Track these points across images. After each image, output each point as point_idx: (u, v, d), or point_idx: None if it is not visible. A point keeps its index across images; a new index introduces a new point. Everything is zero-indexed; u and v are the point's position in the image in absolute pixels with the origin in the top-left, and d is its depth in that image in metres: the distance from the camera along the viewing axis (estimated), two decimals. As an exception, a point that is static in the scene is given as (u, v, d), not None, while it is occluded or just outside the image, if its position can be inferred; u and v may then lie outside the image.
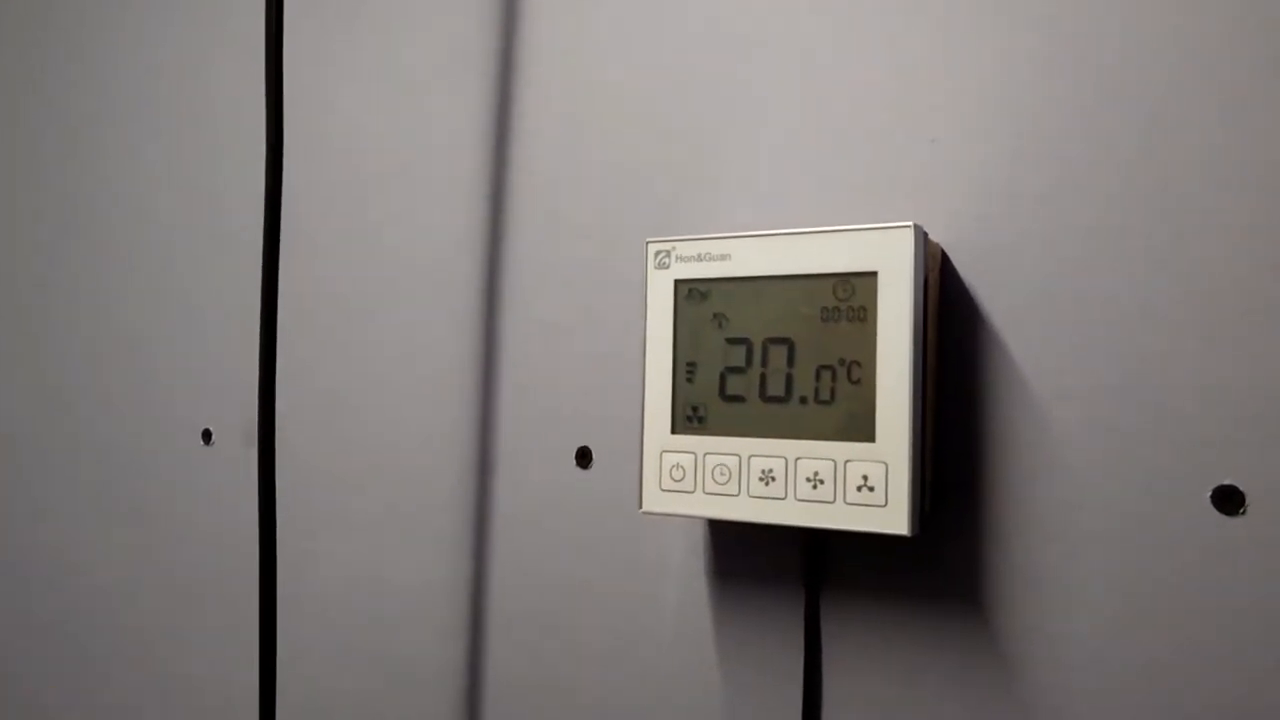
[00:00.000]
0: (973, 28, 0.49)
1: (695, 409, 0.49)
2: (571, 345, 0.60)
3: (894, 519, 0.44)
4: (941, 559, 0.48)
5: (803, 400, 0.46)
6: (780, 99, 0.54)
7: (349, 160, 0.71)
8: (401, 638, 0.67)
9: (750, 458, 0.47)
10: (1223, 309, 0.43)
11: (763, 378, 0.47)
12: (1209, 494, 0.43)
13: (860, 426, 0.45)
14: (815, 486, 0.45)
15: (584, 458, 0.60)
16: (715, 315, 0.49)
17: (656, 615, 0.57)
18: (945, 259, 0.49)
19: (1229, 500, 0.42)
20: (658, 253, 0.50)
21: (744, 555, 0.54)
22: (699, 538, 0.55)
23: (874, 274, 0.45)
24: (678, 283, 0.50)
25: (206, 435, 0.80)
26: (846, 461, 0.45)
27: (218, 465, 0.79)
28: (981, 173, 0.48)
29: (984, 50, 0.48)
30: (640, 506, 0.50)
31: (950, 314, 0.49)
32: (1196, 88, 0.44)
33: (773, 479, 0.47)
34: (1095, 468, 0.45)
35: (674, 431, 0.49)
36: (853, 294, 0.45)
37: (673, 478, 0.49)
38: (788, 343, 0.47)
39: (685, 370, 0.49)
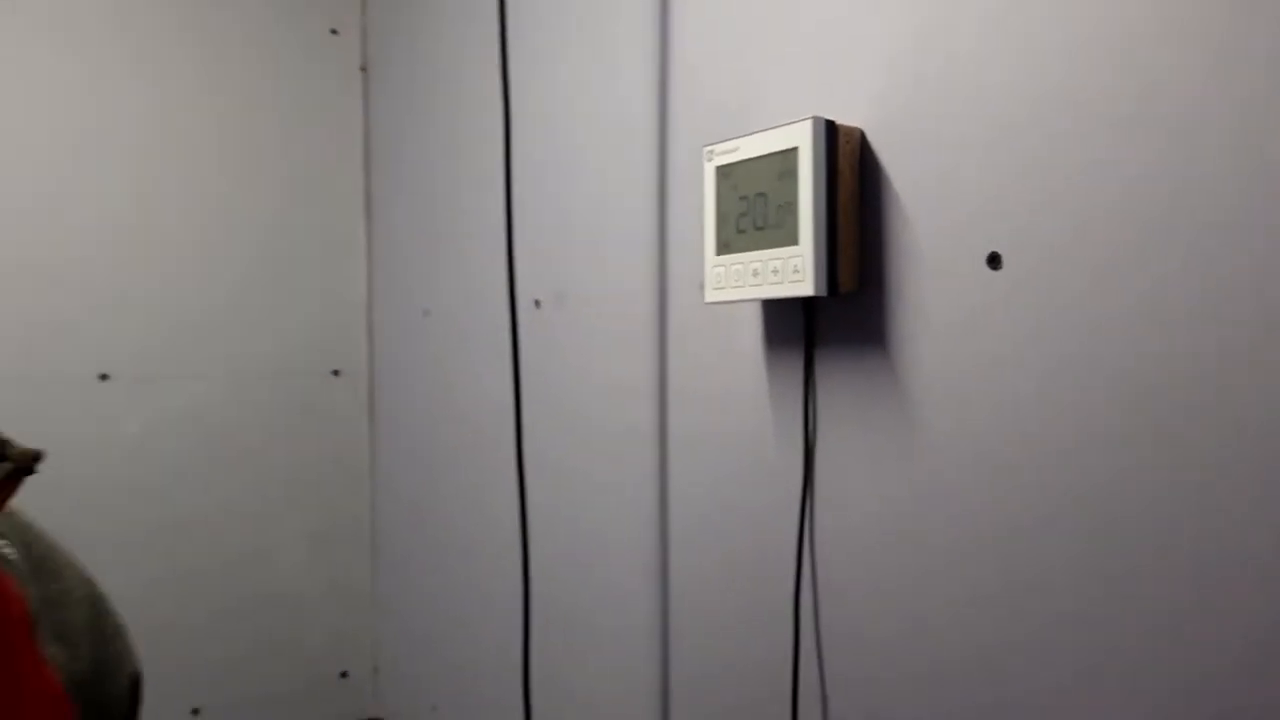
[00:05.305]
0: (877, -11, 0.79)
1: (726, 240, 0.86)
2: (693, 221, 0.98)
3: (807, 286, 0.77)
4: (866, 319, 0.81)
5: (772, 227, 0.81)
6: (776, 40, 0.87)
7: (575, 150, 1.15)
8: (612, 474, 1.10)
9: (750, 264, 0.83)
10: (998, 138, 0.70)
11: (753, 218, 0.83)
12: (984, 258, 0.71)
13: (793, 237, 0.79)
14: (775, 274, 0.80)
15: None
16: (733, 184, 0.85)
17: (745, 363, 0.94)
18: (864, 138, 0.80)
19: (995, 261, 0.70)
20: (708, 152, 0.87)
21: (777, 325, 0.89)
22: (758, 319, 0.91)
23: (795, 149, 0.78)
24: (717, 168, 0.86)
25: (537, 303, 1.29)
26: (789, 258, 0.79)
27: (543, 324, 1.27)
28: (891, 77, 0.79)
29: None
30: (704, 300, 0.88)
31: (867, 174, 0.80)
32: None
33: (757, 274, 0.82)
34: (933, 252, 0.75)
35: (717, 254, 0.87)
36: (790, 163, 0.79)
37: (718, 281, 0.87)
38: (764, 195, 0.82)
39: (719, 218, 0.86)
